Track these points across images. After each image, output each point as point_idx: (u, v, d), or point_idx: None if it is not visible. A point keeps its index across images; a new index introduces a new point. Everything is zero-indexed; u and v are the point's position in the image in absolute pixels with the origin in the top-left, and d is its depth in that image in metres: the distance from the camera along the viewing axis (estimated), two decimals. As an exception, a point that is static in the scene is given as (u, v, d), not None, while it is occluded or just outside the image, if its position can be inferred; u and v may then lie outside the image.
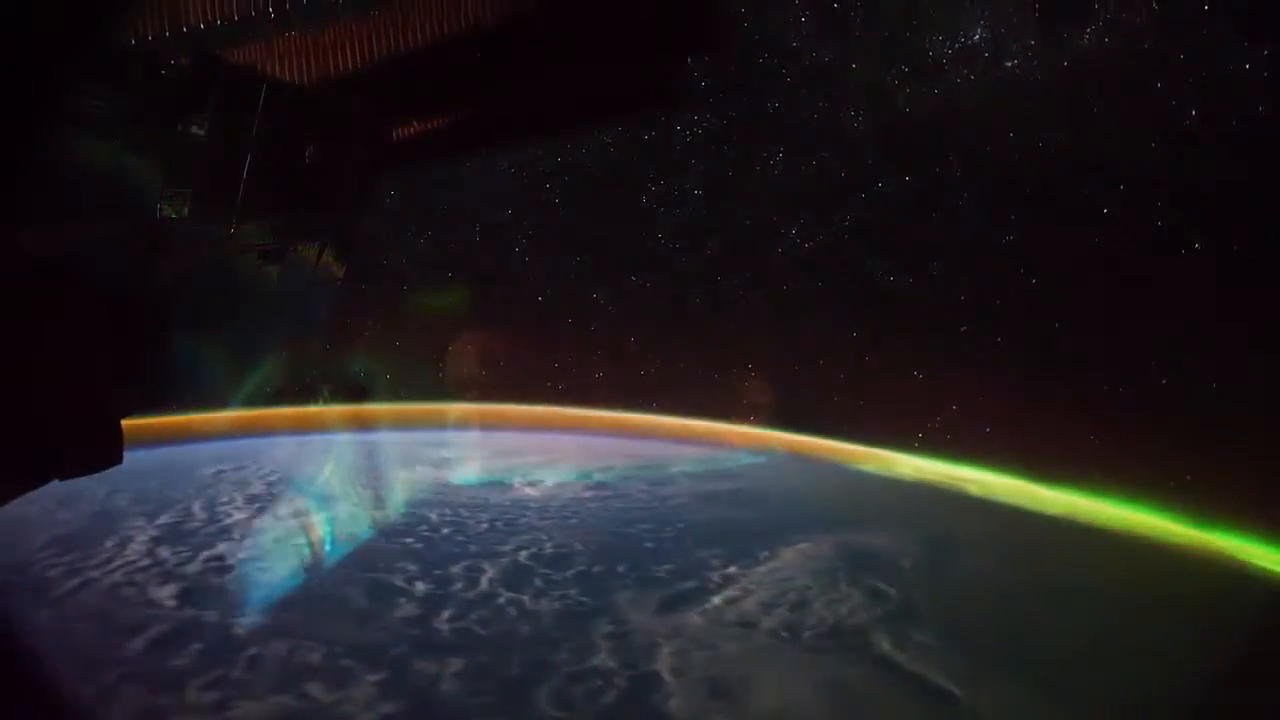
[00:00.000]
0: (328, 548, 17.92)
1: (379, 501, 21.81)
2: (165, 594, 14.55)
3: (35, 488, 2.29)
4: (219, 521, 19.45)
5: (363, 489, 22.95)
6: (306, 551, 17.67)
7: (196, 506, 20.54)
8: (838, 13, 26.05)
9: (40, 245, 2.73)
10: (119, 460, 2.55)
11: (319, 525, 19.68)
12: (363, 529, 19.27)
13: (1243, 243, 23.42)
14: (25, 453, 2.21)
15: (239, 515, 20.10)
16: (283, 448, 26.71)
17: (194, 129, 3.28)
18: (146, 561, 16.23)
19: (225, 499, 21.48)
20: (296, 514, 20.26)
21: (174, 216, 3.35)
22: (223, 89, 3.57)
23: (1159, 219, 25.04)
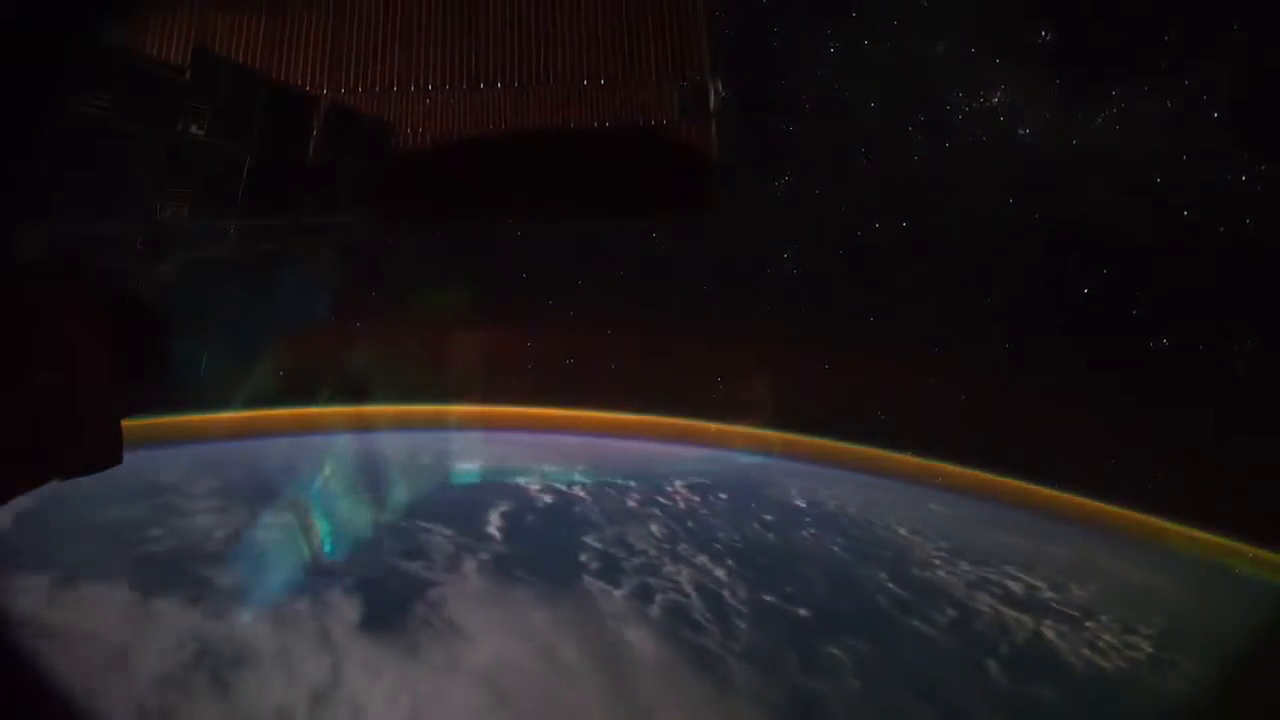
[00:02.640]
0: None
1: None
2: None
3: (35, 487, 2.28)
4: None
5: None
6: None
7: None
8: (865, 50, 26.30)
9: (42, 245, 2.73)
10: (119, 460, 2.54)
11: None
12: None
13: (1209, 346, 24.45)
14: (25, 453, 2.21)
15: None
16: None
17: (194, 129, 3.28)
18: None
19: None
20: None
21: (174, 216, 3.35)
22: (223, 89, 3.58)
23: (1135, 308, 26.16)
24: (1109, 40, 23.37)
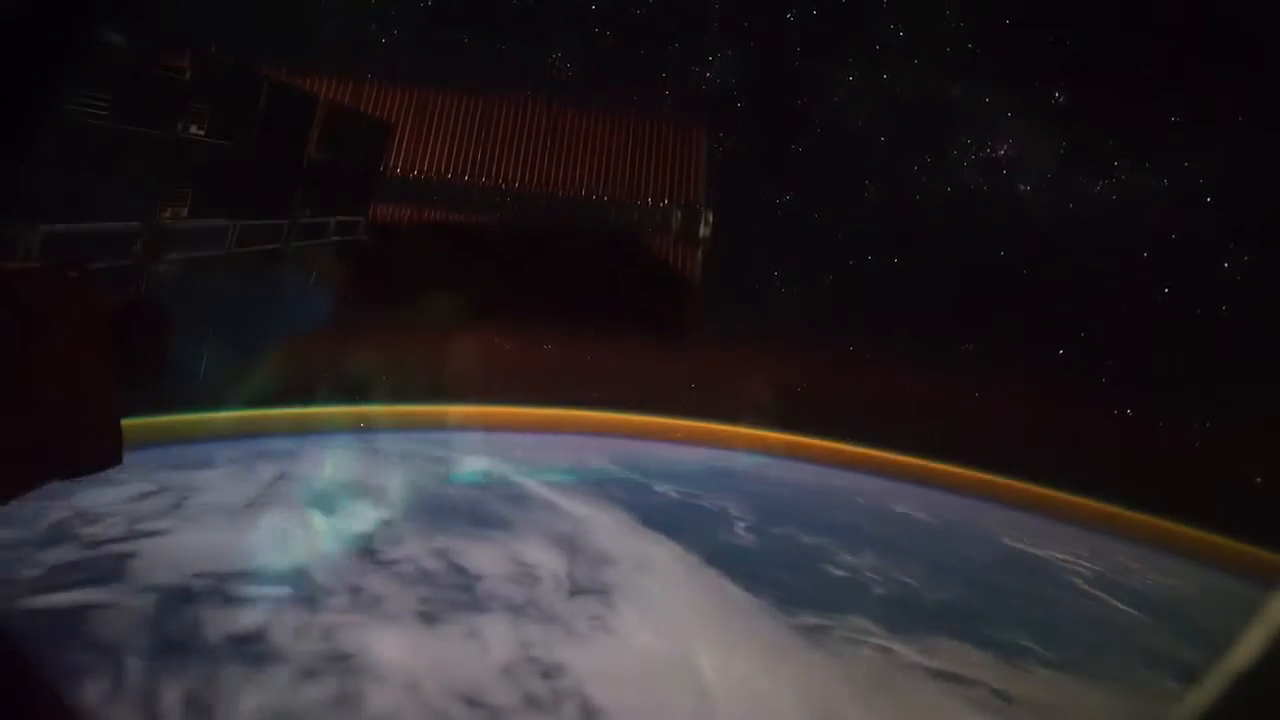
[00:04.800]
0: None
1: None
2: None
3: (35, 487, 2.28)
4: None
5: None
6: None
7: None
8: (884, 85, 26.51)
9: (42, 245, 2.74)
10: (119, 460, 2.54)
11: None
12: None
13: (1168, 420, 25.01)
14: (25, 453, 2.21)
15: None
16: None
17: (194, 129, 3.28)
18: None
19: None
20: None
21: (174, 216, 3.35)
22: (223, 89, 3.58)
23: (1102, 376, 26.80)
24: (1119, 111, 23.92)
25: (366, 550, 16.74)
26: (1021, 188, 26.00)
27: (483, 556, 16.25)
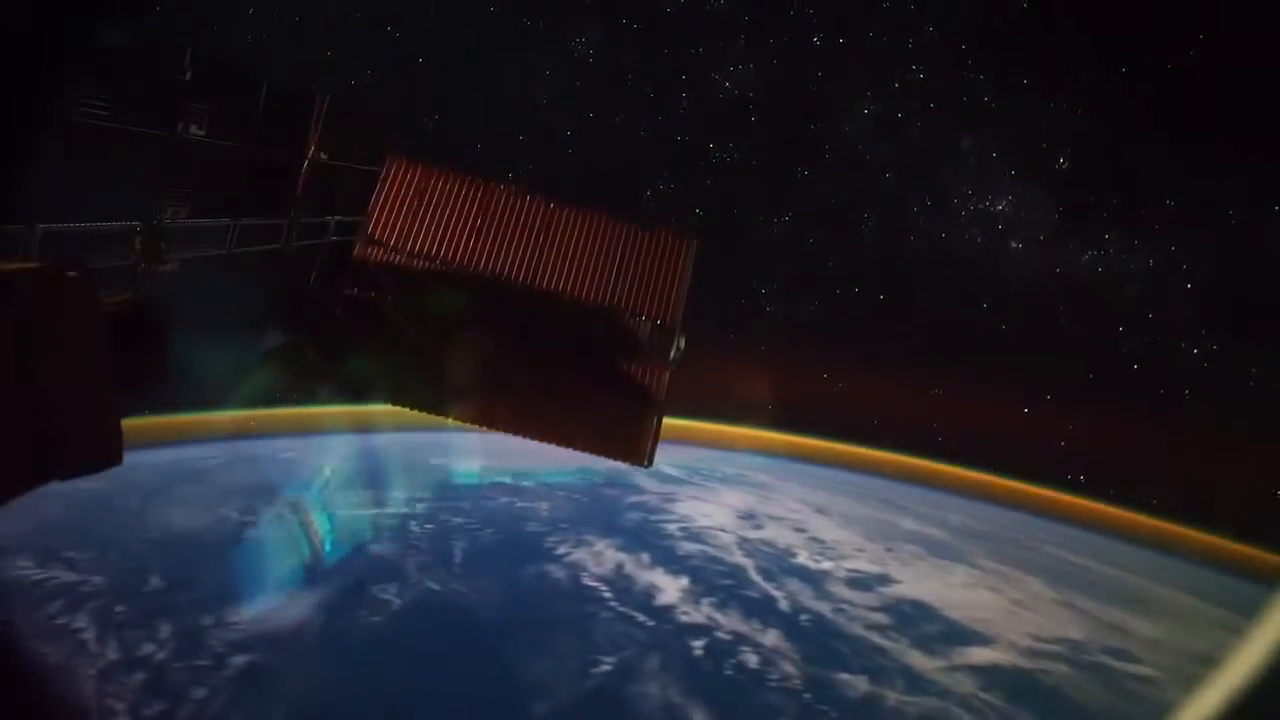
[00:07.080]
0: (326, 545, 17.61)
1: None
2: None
3: (35, 488, 2.28)
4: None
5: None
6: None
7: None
8: (899, 123, 26.61)
9: (42, 245, 2.73)
10: (119, 460, 2.54)
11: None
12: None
13: (1122, 491, 26.68)
14: (25, 453, 2.21)
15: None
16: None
17: (194, 129, 3.28)
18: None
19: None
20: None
21: (174, 216, 3.35)
22: (223, 89, 3.58)
23: (1063, 440, 27.56)
24: (1118, 186, 24.27)
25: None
26: (1013, 245, 26.23)
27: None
